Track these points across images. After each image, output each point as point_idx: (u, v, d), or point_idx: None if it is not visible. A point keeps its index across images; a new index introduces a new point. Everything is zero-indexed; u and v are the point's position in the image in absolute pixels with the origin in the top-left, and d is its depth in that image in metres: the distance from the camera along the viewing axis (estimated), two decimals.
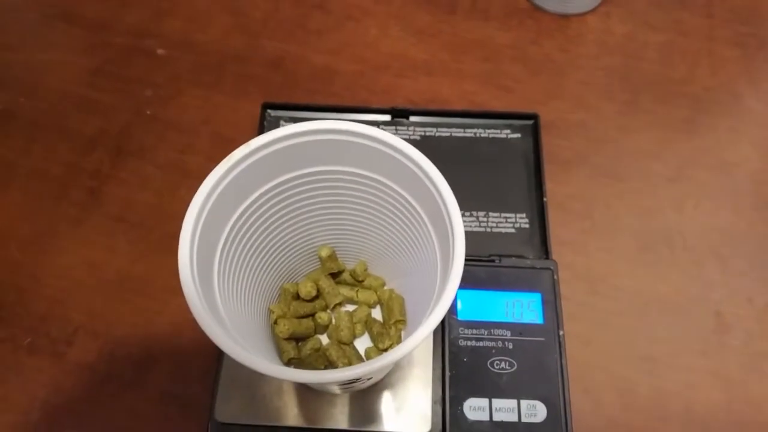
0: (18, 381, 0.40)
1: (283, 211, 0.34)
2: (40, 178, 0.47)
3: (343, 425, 0.36)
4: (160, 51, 0.52)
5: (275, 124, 0.48)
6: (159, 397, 0.39)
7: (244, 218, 0.31)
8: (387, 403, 0.36)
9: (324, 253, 0.37)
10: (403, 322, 0.37)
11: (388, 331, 0.37)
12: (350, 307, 0.39)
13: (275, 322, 0.36)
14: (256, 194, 0.31)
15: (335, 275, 0.39)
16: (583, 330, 0.41)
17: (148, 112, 0.50)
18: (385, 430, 0.36)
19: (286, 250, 0.36)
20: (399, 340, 0.37)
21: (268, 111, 0.48)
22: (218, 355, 0.38)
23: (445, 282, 0.26)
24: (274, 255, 0.35)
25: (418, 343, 0.25)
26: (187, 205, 0.45)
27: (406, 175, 0.31)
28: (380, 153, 0.31)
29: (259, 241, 0.33)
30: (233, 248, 0.31)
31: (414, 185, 0.31)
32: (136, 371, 0.40)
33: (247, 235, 0.32)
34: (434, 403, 0.36)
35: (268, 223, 0.33)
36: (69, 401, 0.39)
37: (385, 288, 0.39)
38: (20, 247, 0.44)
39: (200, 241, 0.28)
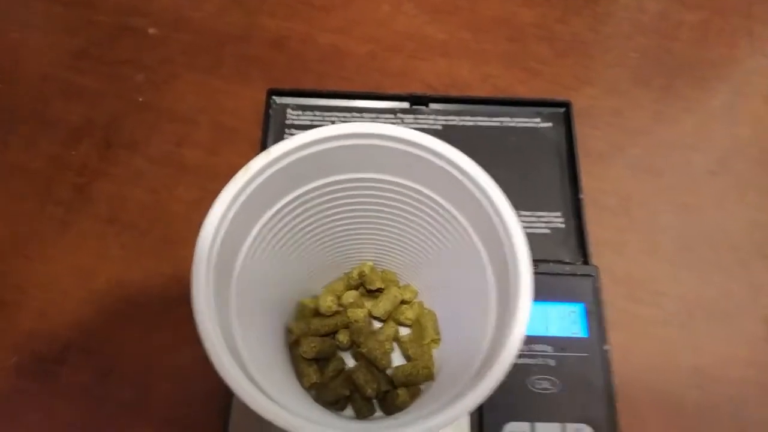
0: (5, 406, 0.35)
1: (305, 223, 0.29)
2: (20, 175, 0.42)
3: None
4: (151, 30, 0.47)
5: (281, 113, 0.43)
6: (161, 423, 0.35)
7: (261, 236, 0.27)
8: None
9: (366, 269, 0.33)
10: (437, 341, 0.33)
11: (422, 350, 0.33)
12: (375, 324, 0.35)
13: (296, 342, 0.32)
14: (276, 208, 0.27)
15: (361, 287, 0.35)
16: (624, 340, 0.38)
17: (140, 99, 0.45)
18: None
19: (306, 262, 0.32)
20: (431, 360, 0.33)
21: (274, 98, 0.43)
22: None
23: (505, 333, 0.23)
24: (292, 269, 0.31)
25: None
26: (185, 204, 0.41)
27: (442, 180, 0.27)
28: (412, 156, 0.27)
29: (277, 258, 0.29)
30: (249, 269, 0.27)
31: (453, 191, 0.27)
32: (136, 392, 0.36)
33: (266, 253, 0.28)
34: (471, 428, 0.33)
35: (287, 237, 0.29)
36: (63, 427, 0.35)
37: (416, 301, 0.35)
38: None
39: (216, 267, 0.24)
